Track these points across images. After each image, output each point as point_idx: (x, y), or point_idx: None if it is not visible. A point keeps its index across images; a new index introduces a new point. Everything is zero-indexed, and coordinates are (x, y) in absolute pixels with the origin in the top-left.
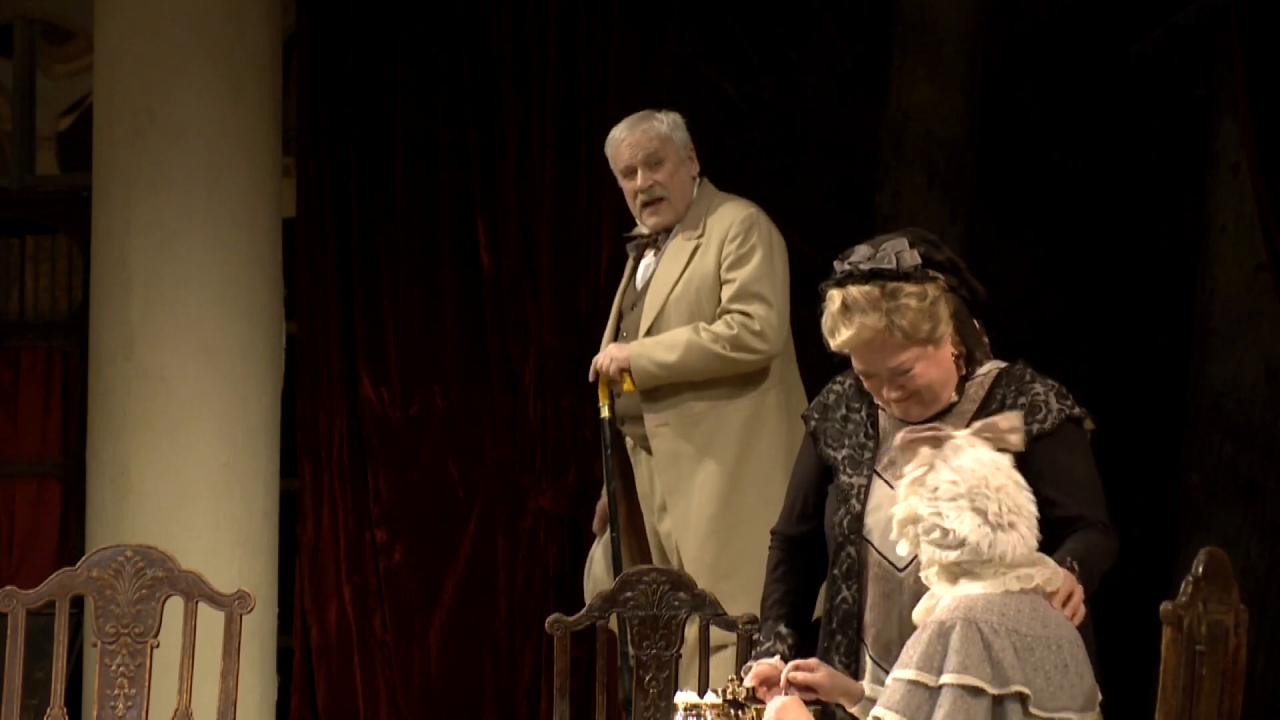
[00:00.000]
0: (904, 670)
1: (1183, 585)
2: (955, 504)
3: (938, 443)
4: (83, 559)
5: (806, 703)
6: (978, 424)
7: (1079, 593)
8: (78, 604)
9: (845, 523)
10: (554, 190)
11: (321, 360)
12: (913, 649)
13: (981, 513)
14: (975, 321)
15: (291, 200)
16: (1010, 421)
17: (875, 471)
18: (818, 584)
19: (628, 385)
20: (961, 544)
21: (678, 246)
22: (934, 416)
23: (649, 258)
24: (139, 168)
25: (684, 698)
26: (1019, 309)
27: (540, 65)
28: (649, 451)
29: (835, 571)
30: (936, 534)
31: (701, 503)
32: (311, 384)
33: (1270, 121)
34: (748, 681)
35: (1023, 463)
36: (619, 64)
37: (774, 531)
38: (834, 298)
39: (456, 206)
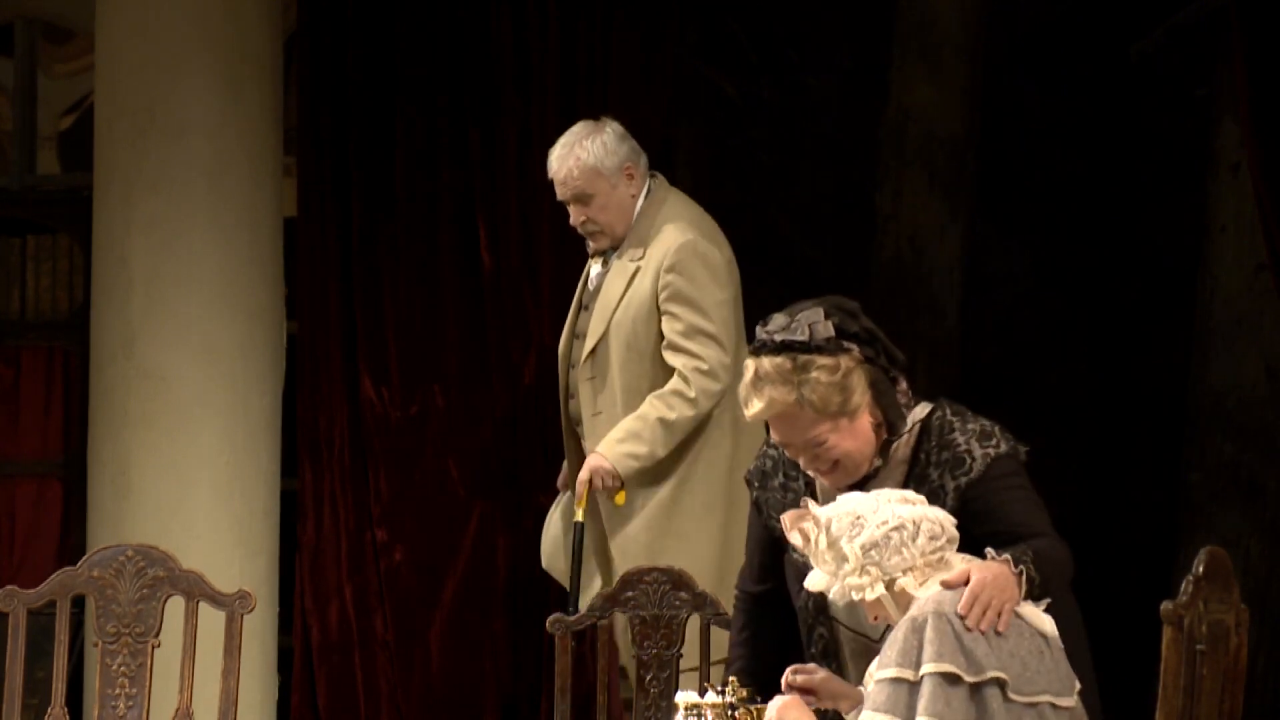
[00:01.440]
0: (885, 670)
1: (1183, 585)
2: (879, 511)
3: (808, 515)
4: (83, 559)
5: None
6: (792, 514)
7: (989, 592)
8: (79, 603)
9: (810, 605)
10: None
11: (322, 360)
12: (890, 649)
13: (902, 500)
14: (898, 385)
15: (292, 200)
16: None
17: None
18: (784, 642)
19: (620, 498)
20: (918, 523)
21: (621, 266)
22: (861, 483)
23: (598, 265)
24: (140, 167)
25: (685, 697)
26: (1019, 309)
27: (541, 65)
28: None
29: (812, 650)
30: (895, 538)
31: (645, 504)
32: (312, 384)
33: (1271, 121)
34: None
35: (960, 515)
36: (619, 64)
37: (737, 589)
38: (748, 367)
39: (457, 206)
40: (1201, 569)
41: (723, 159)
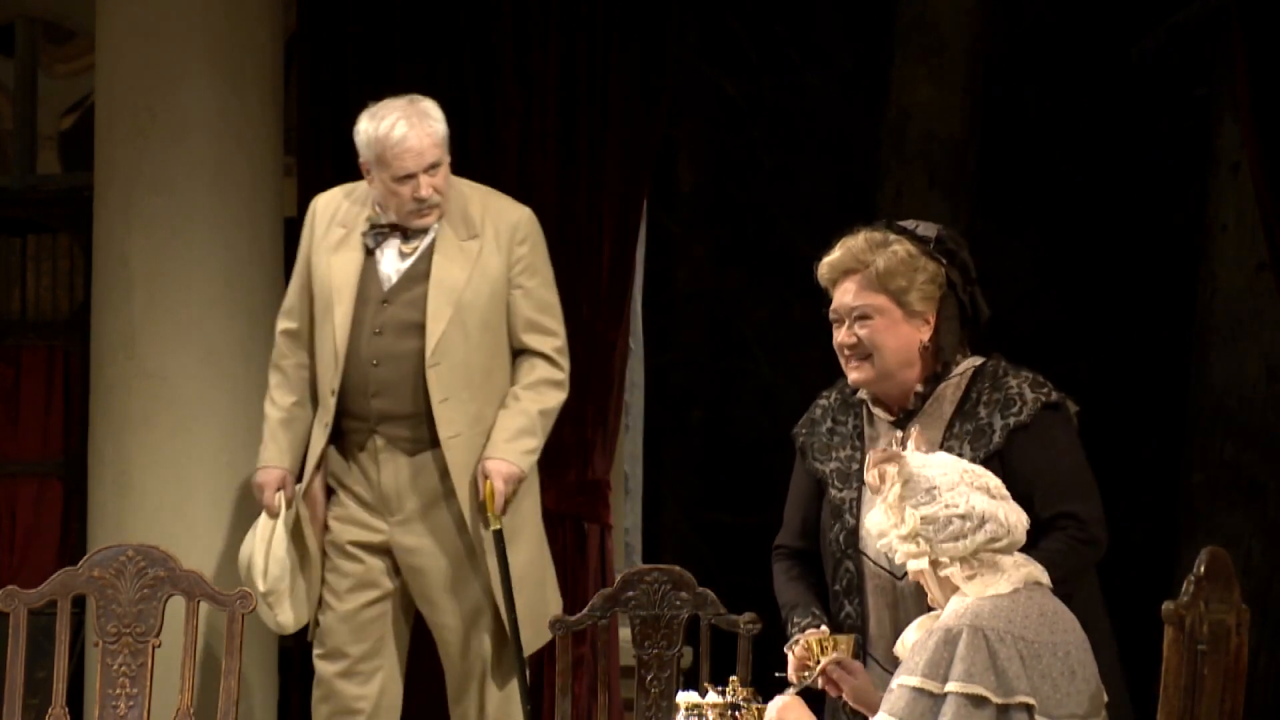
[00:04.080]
0: (909, 677)
1: (1184, 585)
2: (957, 490)
3: (896, 459)
4: (84, 558)
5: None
6: (879, 453)
7: None
8: (79, 603)
9: (841, 538)
10: (556, 190)
11: None
12: (919, 655)
13: (984, 490)
14: (964, 335)
15: (293, 200)
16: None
17: (864, 483)
18: (824, 592)
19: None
20: (984, 520)
21: (452, 245)
22: (908, 414)
23: (392, 249)
24: (140, 167)
25: (686, 697)
26: (1019, 309)
27: (541, 65)
28: (409, 454)
29: (836, 588)
30: (955, 524)
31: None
32: None
33: (1271, 121)
34: (797, 651)
35: (1002, 459)
36: (619, 64)
37: (777, 545)
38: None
39: None
40: (1202, 569)
41: (723, 158)
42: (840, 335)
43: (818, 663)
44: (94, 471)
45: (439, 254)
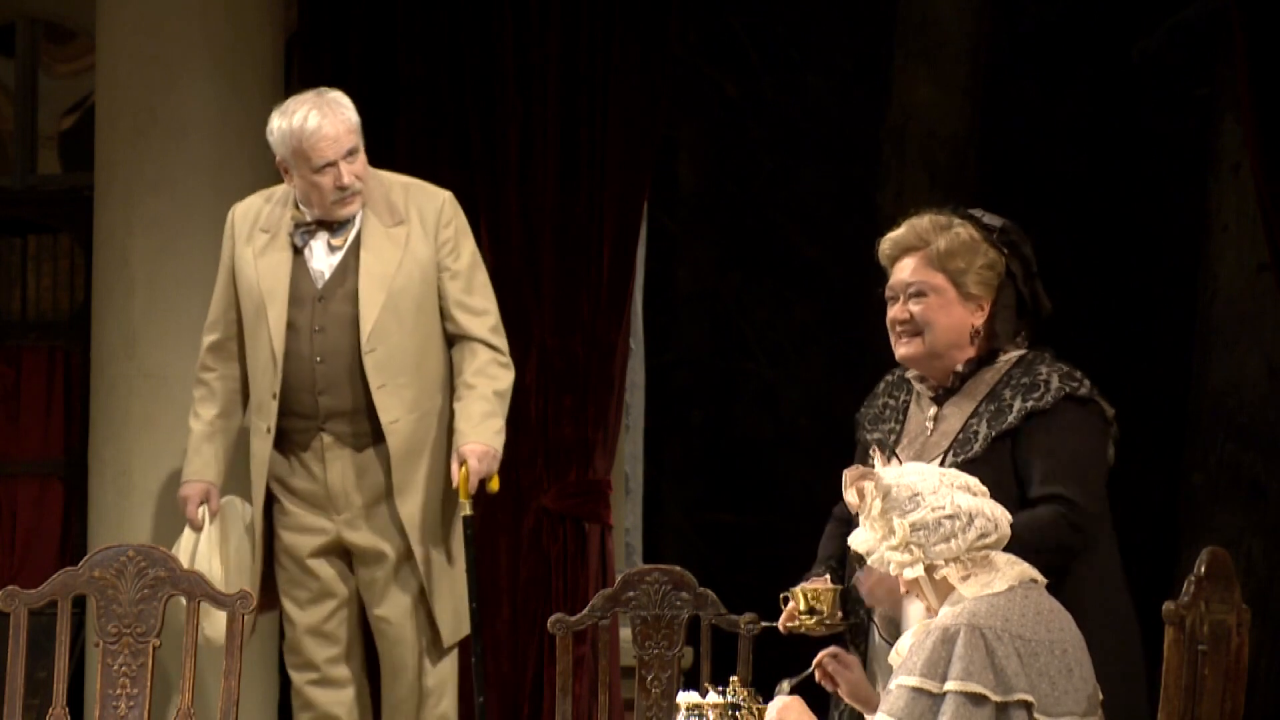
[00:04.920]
0: (908, 677)
1: (1185, 585)
2: (939, 493)
3: (870, 475)
4: (85, 559)
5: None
6: (854, 472)
7: None
8: (80, 604)
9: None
10: (555, 190)
11: None
12: (916, 655)
13: (965, 489)
14: (1021, 326)
15: None
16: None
17: (894, 453)
18: None
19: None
20: (972, 517)
21: (379, 233)
22: (947, 392)
23: (320, 243)
24: (141, 167)
25: (686, 698)
26: None
27: (541, 65)
28: (355, 449)
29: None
30: (945, 526)
31: (433, 493)
32: None
33: (1272, 120)
34: (789, 604)
35: (1014, 439)
36: (619, 64)
37: (833, 517)
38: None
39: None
40: (1203, 569)
41: (724, 158)
42: (894, 311)
43: (808, 612)
44: (94, 471)
45: (367, 242)
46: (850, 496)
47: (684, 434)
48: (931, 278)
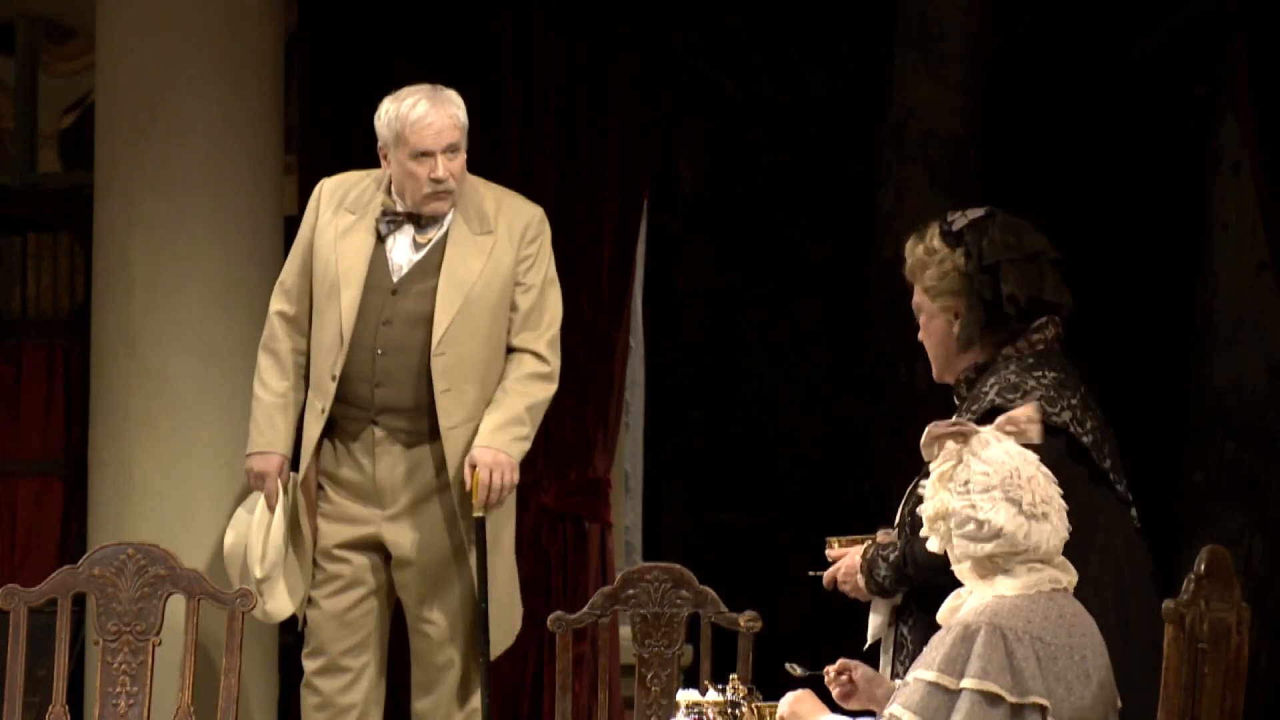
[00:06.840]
0: (925, 671)
1: (1185, 583)
2: (989, 495)
3: (963, 437)
4: (84, 557)
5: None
6: (1000, 418)
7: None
8: (79, 602)
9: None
10: (556, 190)
11: None
12: (935, 650)
13: (1016, 503)
14: (1002, 324)
15: (294, 198)
16: (1028, 414)
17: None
18: None
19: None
20: (997, 535)
21: (465, 238)
22: (960, 403)
23: (405, 237)
24: (141, 166)
25: (686, 695)
26: None
27: (541, 64)
28: (406, 446)
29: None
30: (970, 527)
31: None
32: None
33: (1272, 119)
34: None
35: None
36: (620, 63)
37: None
38: None
39: None
40: (1203, 567)
41: (724, 158)
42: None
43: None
44: (94, 470)
45: (452, 245)
46: (925, 440)
47: (684, 433)
48: (916, 298)
